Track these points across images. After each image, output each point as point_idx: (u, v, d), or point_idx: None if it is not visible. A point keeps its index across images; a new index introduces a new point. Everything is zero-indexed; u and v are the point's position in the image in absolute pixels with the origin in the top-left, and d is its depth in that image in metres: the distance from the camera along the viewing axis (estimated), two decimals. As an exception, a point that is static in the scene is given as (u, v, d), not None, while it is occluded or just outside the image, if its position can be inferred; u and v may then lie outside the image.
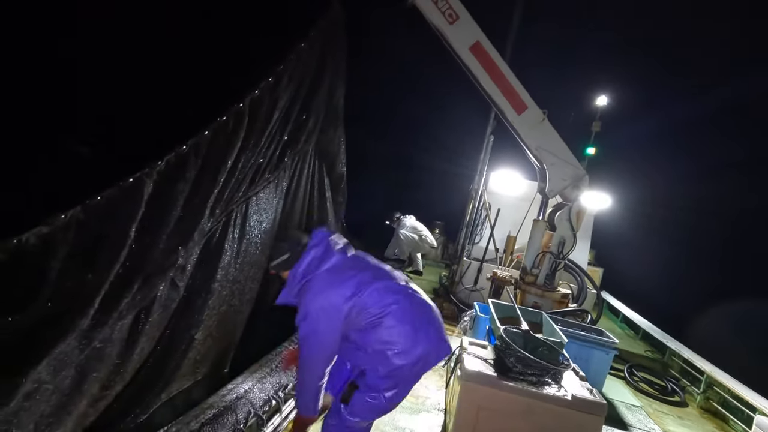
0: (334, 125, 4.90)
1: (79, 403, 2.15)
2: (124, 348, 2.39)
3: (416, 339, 1.90)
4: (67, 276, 1.87)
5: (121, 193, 2.04)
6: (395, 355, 1.87)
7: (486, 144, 6.71)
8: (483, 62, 4.71)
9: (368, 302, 1.87)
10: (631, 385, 4.92)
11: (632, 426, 3.84)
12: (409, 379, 1.98)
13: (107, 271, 2.02)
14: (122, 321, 2.25)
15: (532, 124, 4.94)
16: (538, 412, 2.51)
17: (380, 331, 1.87)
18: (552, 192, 5.14)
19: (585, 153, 6.98)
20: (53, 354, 1.85)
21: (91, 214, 1.91)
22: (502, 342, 2.82)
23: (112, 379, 2.38)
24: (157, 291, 2.48)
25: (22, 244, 1.69)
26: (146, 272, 2.28)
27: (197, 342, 2.98)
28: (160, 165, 2.21)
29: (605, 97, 6.89)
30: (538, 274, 5.12)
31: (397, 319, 1.89)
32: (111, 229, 2.04)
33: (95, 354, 2.11)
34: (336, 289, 1.87)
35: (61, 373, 1.93)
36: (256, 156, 3.21)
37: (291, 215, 4.47)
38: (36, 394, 1.82)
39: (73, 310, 1.92)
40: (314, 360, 1.86)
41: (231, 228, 3.17)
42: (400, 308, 1.91)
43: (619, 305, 7.90)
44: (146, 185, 2.14)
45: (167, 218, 2.35)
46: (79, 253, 1.88)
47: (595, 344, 4.14)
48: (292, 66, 3.54)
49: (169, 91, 5.13)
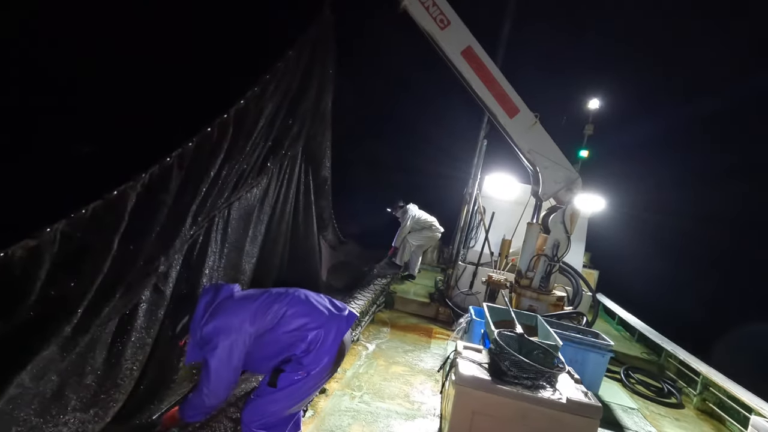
0: (321, 130, 4.92)
1: (61, 408, 2.12)
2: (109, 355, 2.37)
3: (315, 312, 2.15)
4: (51, 285, 1.88)
5: (105, 205, 2.06)
6: (307, 330, 2.08)
7: (479, 148, 6.73)
8: (474, 67, 4.74)
9: (266, 306, 2.10)
10: (627, 388, 4.91)
11: (628, 428, 3.82)
12: (327, 350, 2.09)
13: (91, 280, 2.04)
14: (105, 326, 2.24)
15: (524, 127, 4.96)
16: (532, 416, 2.49)
17: (287, 320, 2.09)
18: (545, 195, 5.15)
19: (578, 156, 6.99)
20: (36, 359, 1.84)
21: (76, 226, 1.93)
22: (497, 346, 2.80)
23: (103, 384, 2.36)
24: (139, 297, 2.46)
25: (8, 257, 1.70)
26: (128, 280, 2.29)
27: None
28: (144, 177, 2.22)
29: (597, 100, 6.93)
30: (533, 277, 5.11)
31: (295, 304, 2.14)
32: (95, 240, 2.06)
33: (78, 359, 2.10)
34: (232, 313, 2.04)
35: (43, 378, 1.91)
36: (240, 163, 3.21)
37: (281, 219, 4.47)
38: (18, 399, 1.81)
39: (57, 317, 1.92)
40: (216, 377, 1.98)
41: (214, 233, 3.17)
42: (294, 299, 2.18)
43: (615, 307, 7.90)
44: (130, 198, 2.16)
45: (150, 228, 2.37)
46: (64, 263, 1.90)
47: (590, 347, 4.12)
48: (279, 75, 3.55)
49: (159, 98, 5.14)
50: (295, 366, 2.04)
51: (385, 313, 6.00)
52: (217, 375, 1.98)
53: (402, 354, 4.60)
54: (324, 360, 2.07)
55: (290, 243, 4.78)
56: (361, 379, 3.76)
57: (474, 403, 2.56)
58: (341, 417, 3.04)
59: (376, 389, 3.61)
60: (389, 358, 4.40)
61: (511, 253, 6.46)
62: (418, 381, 3.97)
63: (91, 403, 2.32)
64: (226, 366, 1.99)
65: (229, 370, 2.01)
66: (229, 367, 2.00)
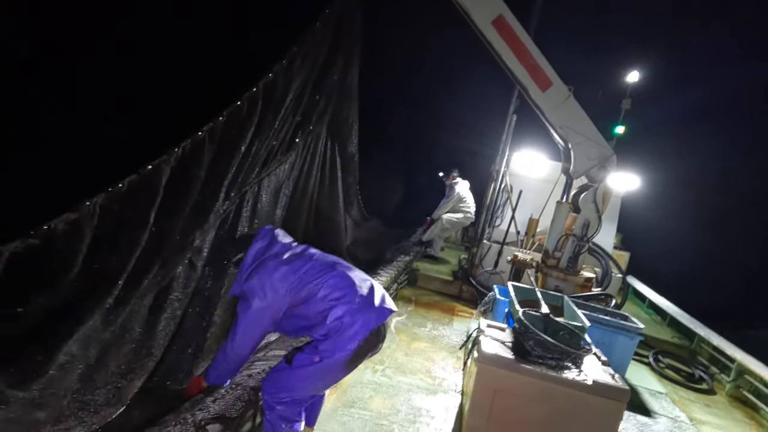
0: (347, 105, 4.84)
1: (104, 374, 2.24)
2: (146, 324, 2.48)
3: (347, 298, 2.03)
4: (93, 258, 1.94)
5: (140, 179, 2.09)
6: (330, 315, 2.00)
7: (508, 123, 6.50)
8: (506, 37, 4.51)
9: (305, 280, 2.05)
10: (656, 372, 4.79)
11: (656, 413, 3.74)
12: (347, 341, 1.98)
13: (129, 254, 2.10)
14: (144, 299, 2.33)
15: (556, 101, 4.74)
16: (556, 396, 2.45)
17: (317, 300, 2.03)
18: (577, 173, 4.95)
19: (613, 132, 6.68)
20: (82, 329, 1.94)
21: (114, 200, 1.97)
22: (521, 325, 2.76)
23: (139, 353, 2.48)
24: (176, 272, 2.54)
25: (51, 230, 1.75)
26: (165, 254, 2.35)
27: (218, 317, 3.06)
28: (177, 152, 2.25)
29: (637, 73, 6.53)
30: (561, 257, 4.98)
31: (331, 285, 2.05)
32: (132, 214, 2.11)
33: (119, 330, 2.19)
34: (274, 277, 2.03)
35: (89, 348, 2.01)
36: (270, 138, 3.22)
37: (303, 195, 4.48)
38: (67, 366, 1.91)
39: (99, 289, 1.99)
40: (242, 335, 2.02)
41: (244, 209, 3.20)
42: (333, 278, 2.07)
43: (646, 290, 7.66)
44: (164, 172, 2.19)
45: (184, 202, 2.41)
46: (104, 236, 1.95)
47: (619, 329, 4.02)
48: (306, 47, 3.49)
49: (187, 74, 5.18)
50: (312, 349, 2.01)
51: (408, 291, 6.02)
52: (243, 335, 2.03)
53: (424, 330, 4.63)
54: (342, 351, 1.97)
55: (314, 218, 4.81)
56: (384, 353, 3.80)
57: (496, 381, 2.54)
58: (363, 389, 3.10)
59: (398, 364, 3.65)
60: (411, 333, 4.43)
61: (538, 233, 6.31)
62: (440, 357, 3.99)
63: (127, 371, 2.44)
64: (253, 329, 2.04)
65: (254, 334, 2.05)
66: (255, 331, 2.04)
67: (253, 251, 2.13)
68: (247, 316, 2.02)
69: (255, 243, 2.16)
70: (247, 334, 2.04)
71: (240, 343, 2.04)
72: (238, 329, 2.04)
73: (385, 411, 2.90)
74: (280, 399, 2.00)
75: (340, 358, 1.97)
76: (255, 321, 2.03)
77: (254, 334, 2.06)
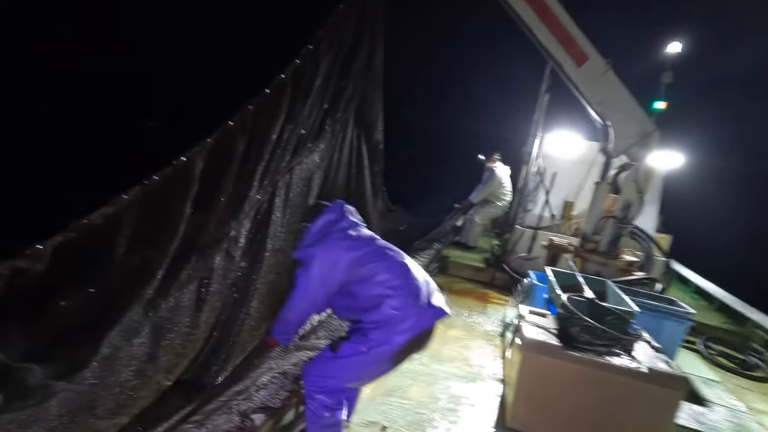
0: (372, 91, 4.74)
1: (154, 368, 2.27)
2: (191, 317, 2.49)
3: (404, 290, 1.98)
4: (131, 251, 1.94)
5: (175, 170, 2.09)
6: (385, 304, 1.95)
7: (540, 103, 6.23)
8: (536, 8, 4.28)
9: (366, 259, 2.03)
10: (705, 359, 4.53)
11: (710, 401, 3.53)
12: (396, 334, 1.92)
13: (167, 246, 2.10)
14: (184, 290, 2.34)
15: (593, 76, 4.49)
16: (607, 384, 2.33)
17: (374, 283, 1.99)
18: (616, 151, 4.70)
19: (652, 107, 6.31)
20: (123, 321, 1.95)
21: (150, 193, 1.97)
22: (566, 310, 2.63)
23: (184, 346, 2.50)
24: (213, 262, 2.55)
25: (90, 224, 1.76)
26: (201, 245, 2.35)
27: (254, 309, 3.06)
28: (209, 142, 2.24)
29: (679, 44, 6.12)
30: (600, 240, 4.77)
31: (391, 272, 2.02)
32: (168, 205, 2.11)
33: (163, 322, 2.21)
34: (337, 250, 2.02)
35: (132, 339, 2.03)
36: (299, 126, 3.18)
37: (335, 184, 4.43)
38: (113, 358, 1.94)
39: (139, 281, 2.00)
40: (296, 299, 2.06)
41: (277, 198, 3.18)
42: (394, 265, 2.05)
43: (691, 274, 7.28)
44: (197, 163, 2.18)
45: (218, 193, 2.41)
46: (142, 229, 1.96)
47: (667, 314, 3.80)
48: (331, 31, 3.41)
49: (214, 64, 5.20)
50: (359, 338, 1.96)
51: (439, 278, 5.92)
52: (297, 298, 2.05)
53: (458, 318, 4.53)
54: (389, 344, 1.91)
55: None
56: (419, 341, 3.74)
57: (541, 368, 2.44)
58: (401, 378, 3.05)
59: (434, 352, 3.57)
60: (446, 321, 4.32)
61: (574, 216, 6.07)
62: (477, 345, 3.90)
63: (174, 364, 2.47)
64: (306, 294, 2.04)
65: (308, 299, 2.06)
66: (308, 297, 2.05)
67: (321, 221, 2.13)
68: (304, 282, 2.02)
69: (325, 213, 2.16)
70: (301, 299, 2.05)
71: (293, 305, 2.07)
72: (294, 292, 2.06)
73: (425, 399, 2.84)
74: (321, 388, 1.97)
75: (387, 350, 1.92)
76: (309, 288, 2.02)
77: (306, 301, 2.06)
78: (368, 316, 1.97)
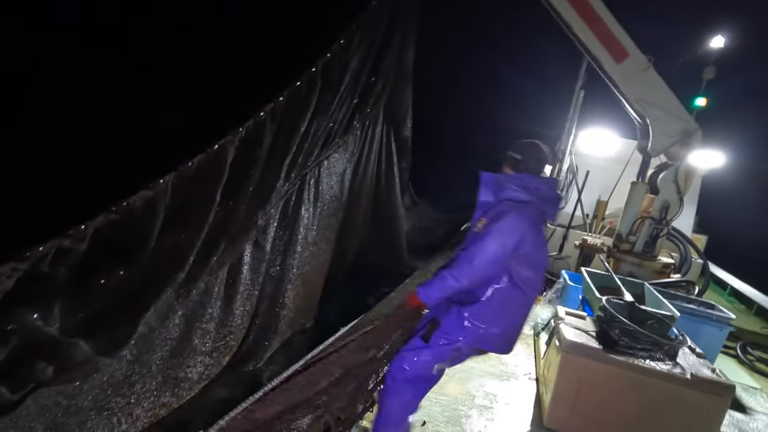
0: (403, 87, 4.73)
1: (190, 350, 2.37)
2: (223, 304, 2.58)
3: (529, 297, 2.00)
4: (165, 235, 2.01)
5: (207, 158, 2.14)
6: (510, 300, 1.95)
7: (575, 99, 6.11)
8: (575, 3, 4.20)
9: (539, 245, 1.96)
10: (744, 365, 4.41)
11: (753, 410, 3.45)
12: (495, 325, 1.95)
13: (198, 231, 2.16)
14: (213, 276, 2.41)
15: (633, 73, 4.37)
16: (649, 389, 2.31)
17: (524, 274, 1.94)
18: (655, 150, 4.58)
19: (692, 105, 6.08)
20: (158, 303, 2.03)
21: (184, 178, 2.03)
22: (606, 313, 2.62)
23: (219, 331, 2.60)
24: (242, 250, 2.61)
25: (130, 206, 1.83)
26: (230, 232, 2.40)
27: (289, 301, 3.15)
28: (240, 132, 2.29)
29: (722, 38, 5.88)
30: (636, 241, 4.68)
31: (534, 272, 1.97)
32: (200, 192, 2.17)
33: (195, 306, 2.30)
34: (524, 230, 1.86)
35: (167, 321, 2.12)
36: (328, 120, 3.20)
37: (363, 180, 4.47)
38: (149, 338, 2.03)
39: (172, 264, 2.07)
40: (464, 267, 1.86)
41: (306, 192, 3.23)
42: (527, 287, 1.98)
43: (728, 277, 7.04)
44: (229, 151, 2.23)
45: (247, 182, 2.45)
46: (175, 213, 2.02)
47: (705, 318, 3.72)
48: (363, 26, 3.41)
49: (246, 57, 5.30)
50: (455, 323, 1.91)
51: (467, 276, 5.90)
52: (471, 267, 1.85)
53: (489, 316, 4.52)
54: (488, 335, 1.92)
55: (373, 205, 4.80)
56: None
57: (581, 370, 2.44)
58: (435, 374, 3.09)
59: (467, 350, 3.60)
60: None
61: (608, 215, 5.96)
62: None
63: (212, 348, 2.58)
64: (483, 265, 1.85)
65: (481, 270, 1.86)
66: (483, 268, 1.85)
67: (533, 182, 1.95)
68: (482, 250, 1.83)
69: (539, 178, 2.00)
70: (476, 268, 1.84)
71: (462, 272, 1.85)
72: (471, 259, 1.84)
73: (461, 396, 2.88)
74: (410, 377, 1.95)
75: (478, 339, 1.93)
76: (488, 260, 1.83)
77: (480, 271, 1.86)
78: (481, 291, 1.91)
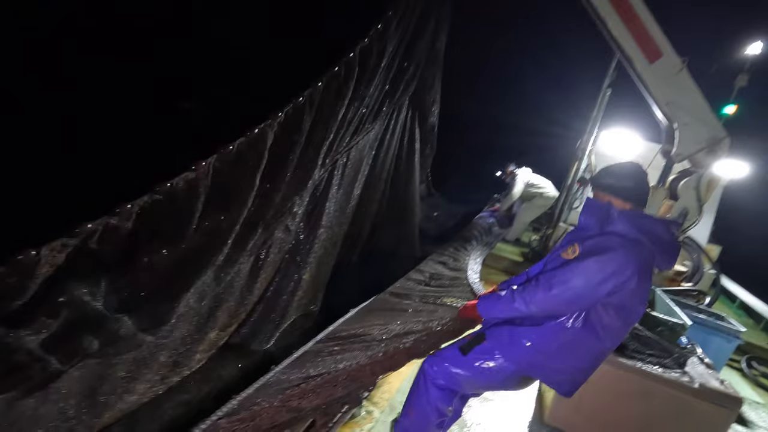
0: (432, 75, 4.65)
1: (212, 327, 2.42)
2: (247, 283, 2.62)
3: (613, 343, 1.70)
4: (206, 217, 2.04)
5: (248, 142, 2.15)
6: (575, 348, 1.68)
7: (601, 98, 5.97)
8: (614, 1, 4.06)
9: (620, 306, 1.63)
10: (748, 379, 4.38)
11: (755, 425, 3.44)
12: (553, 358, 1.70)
13: (238, 214, 2.18)
14: (249, 259, 2.45)
15: (666, 75, 4.24)
16: (657, 396, 2.31)
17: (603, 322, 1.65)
18: (680, 156, 4.46)
19: (721, 112, 5.94)
20: (198, 284, 2.08)
21: (225, 162, 2.04)
22: (617, 317, 2.60)
23: (238, 309, 2.64)
24: (275, 234, 2.64)
25: (173, 188, 1.85)
26: (267, 217, 2.42)
27: (304, 282, 3.18)
28: (280, 117, 2.28)
29: (761, 43, 5.68)
30: (650, 247, 4.62)
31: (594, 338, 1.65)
32: (240, 176, 2.18)
33: (228, 286, 2.34)
34: (629, 276, 1.58)
35: (203, 301, 2.17)
36: (362, 106, 3.18)
37: (383, 165, 4.44)
38: (185, 316, 2.08)
39: (212, 247, 2.10)
40: (539, 293, 1.63)
41: (334, 177, 3.23)
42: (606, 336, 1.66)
43: (737, 289, 6.96)
44: (268, 136, 2.23)
45: (285, 167, 2.46)
46: (216, 197, 2.04)
47: (715, 329, 3.69)
48: (400, 11, 3.36)
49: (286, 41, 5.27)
50: (504, 343, 1.72)
51: (475, 268, 5.91)
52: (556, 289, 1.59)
53: (494, 310, 4.52)
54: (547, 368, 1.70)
55: (390, 191, 4.79)
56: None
57: (588, 372, 2.44)
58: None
59: (471, 341, 3.61)
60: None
61: (622, 219, 5.87)
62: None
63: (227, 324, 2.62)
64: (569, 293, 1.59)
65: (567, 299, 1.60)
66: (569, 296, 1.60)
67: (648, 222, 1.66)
68: (567, 281, 1.58)
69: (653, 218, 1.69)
70: (552, 299, 1.61)
71: (535, 298, 1.63)
72: (550, 287, 1.60)
73: (463, 387, 2.90)
74: (442, 385, 1.82)
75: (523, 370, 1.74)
76: (572, 295, 1.59)
77: (557, 305, 1.63)
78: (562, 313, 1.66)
